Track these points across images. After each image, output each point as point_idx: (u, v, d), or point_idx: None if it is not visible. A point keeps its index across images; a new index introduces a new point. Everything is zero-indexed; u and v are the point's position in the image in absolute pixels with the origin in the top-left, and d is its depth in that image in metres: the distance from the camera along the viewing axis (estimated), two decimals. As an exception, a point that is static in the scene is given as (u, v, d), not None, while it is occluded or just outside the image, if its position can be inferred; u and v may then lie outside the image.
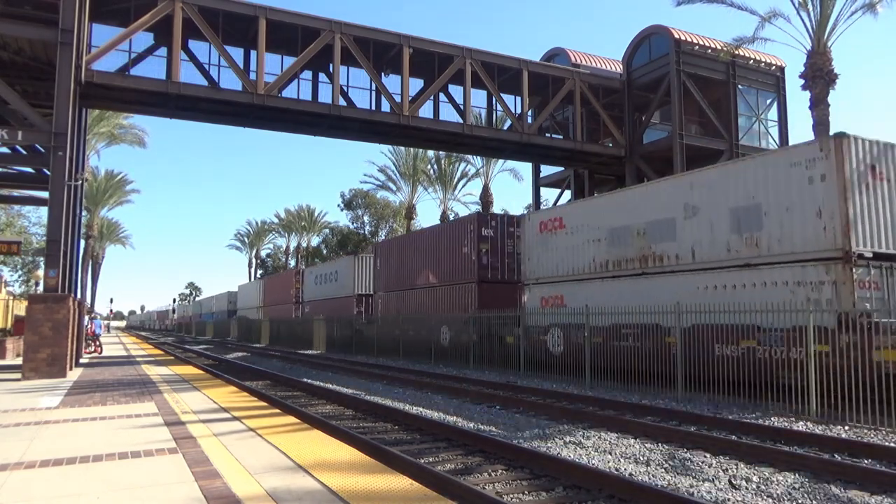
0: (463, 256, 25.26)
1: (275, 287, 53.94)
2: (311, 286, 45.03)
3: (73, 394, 11.78)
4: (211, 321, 73.79)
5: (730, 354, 12.78)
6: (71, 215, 17.77)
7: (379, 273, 32.67)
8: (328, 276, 41.38)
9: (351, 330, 31.74)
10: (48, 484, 5.25)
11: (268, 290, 55.66)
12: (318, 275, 43.56)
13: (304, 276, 47.22)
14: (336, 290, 39.31)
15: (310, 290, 45.05)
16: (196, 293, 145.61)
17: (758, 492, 6.63)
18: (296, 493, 4.85)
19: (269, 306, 53.54)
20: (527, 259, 20.57)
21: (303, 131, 25.91)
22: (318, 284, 42.92)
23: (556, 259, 19.14)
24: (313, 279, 44.61)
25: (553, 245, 19.34)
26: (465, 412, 11.85)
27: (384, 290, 32.14)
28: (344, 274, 38.46)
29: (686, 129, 26.21)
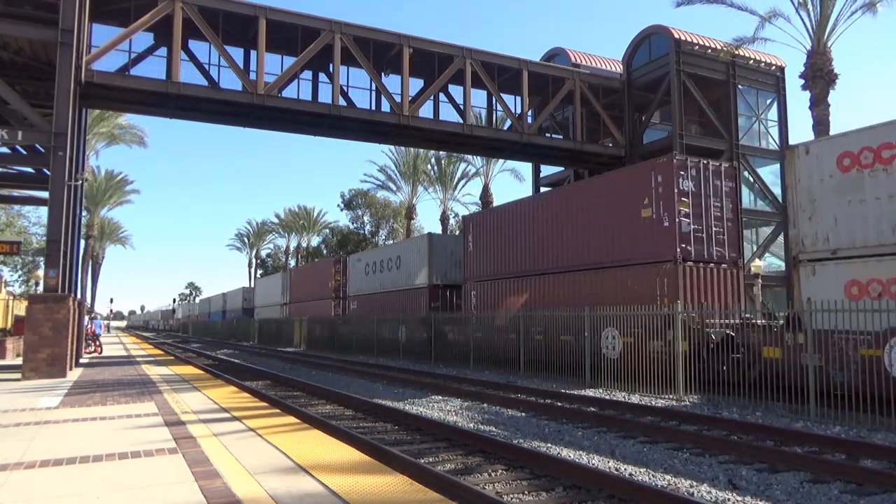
0: (641, 223, 16.99)
1: (305, 280, 45.67)
2: (358, 277, 36.64)
3: (73, 394, 11.78)
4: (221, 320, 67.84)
5: None
6: (71, 215, 17.76)
7: (470, 255, 24.42)
8: (384, 263, 33.16)
9: (428, 331, 24.66)
10: (48, 484, 5.25)
11: (295, 283, 47.70)
12: (371, 262, 35.18)
13: (347, 266, 38.77)
14: (398, 280, 31.34)
15: (357, 282, 36.74)
16: (196, 293, 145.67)
17: (758, 492, 6.64)
18: (296, 493, 4.85)
19: (298, 303, 45.76)
20: (806, 218, 12.76)
21: (303, 131, 25.91)
22: (371, 274, 34.68)
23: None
24: (362, 268, 36.20)
25: (880, 191, 11.71)
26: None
27: (480, 278, 23.68)
28: (410, 259, 30.05)
29: (686, 129, 26.21)
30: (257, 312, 56.01)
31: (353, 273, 37.51)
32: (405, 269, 30.46)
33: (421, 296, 28.64)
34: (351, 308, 36.88)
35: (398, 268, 31.15)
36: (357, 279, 36.78)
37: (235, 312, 64.34)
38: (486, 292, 23.20)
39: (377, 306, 32.31)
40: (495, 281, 22.78)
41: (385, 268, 32.88)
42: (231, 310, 67.56)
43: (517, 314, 19.77)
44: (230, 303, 69.44)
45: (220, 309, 74.23)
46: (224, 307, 72.10)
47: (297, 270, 49.74)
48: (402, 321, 27.18)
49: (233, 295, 69.81)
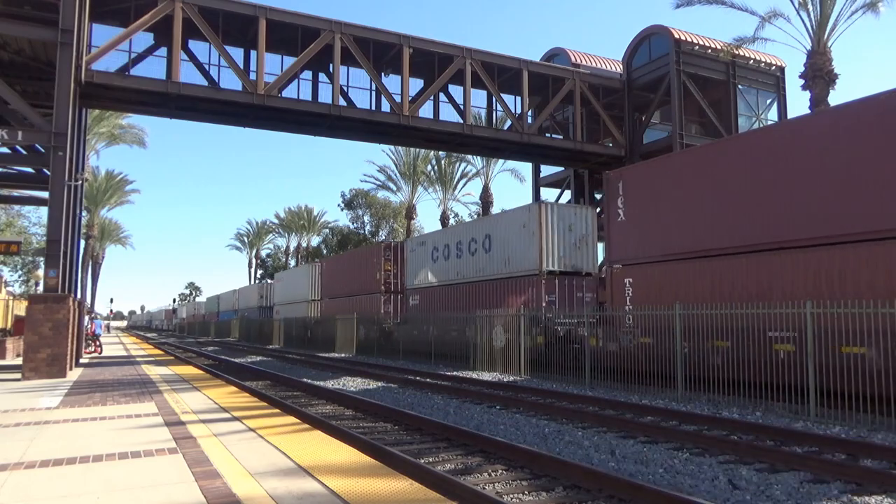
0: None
1: (342, 272, 37.51)
2: (420, 264, 28.78)
3: (73, 394, 11.78)
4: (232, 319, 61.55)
5: None
6: (71, 215, 17.77)
7: (620, 227, 16.96)
8: (463, 245, 24.95)
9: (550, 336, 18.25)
10: (48, 484, 5.25)
11: (328, 276, 39.71)
12: (442, 246, 26.58)
13: (403, 252, 30.87)
14: (487, 266, 23.32)
15: (419, 271, 28.88)
16: (196, 293, 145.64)
17: (758, 492, 6.64)
18: (296, 493, 4.85)
19: (334, 298, 37.75)
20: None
21: (303, 131, 25.93)
22: (442, 260, 26.65)
23: None
24: (427, 254, 28.13)
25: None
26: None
27: (638, 259, 16.29)
28: (508, 237, 22.12)
29: (686, 129, 26.22)
30: (278, 311, 49.02)
31: (413, 260, 29.47)
32: (499, 252, 22.70)
33: (528, 286, 20.96)
34: (411, 304, 28.95)
35: (488, 250, 23.48)
36: (418, 267, 28.87)
37: (250, 311, 58.34)
38: (654, 277, 15.67)
39: (452, 301, 24.94)
40: (669, 263, 15.28)
41: (465, 251, 24.89)
42: (245, 308, 61.47)
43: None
44: (244, 300, 63.14)
45: (230, 307, 68.62)
46: (235, 305, 66.37)
47: (332, 261, 41.76)
48: (528, 318, 18.77)
49: (247, 292, 63.93)
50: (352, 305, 33.72)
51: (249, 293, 62.00)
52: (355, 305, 33.27)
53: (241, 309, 62.62)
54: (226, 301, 72.29)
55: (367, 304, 32.22)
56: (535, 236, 20.91)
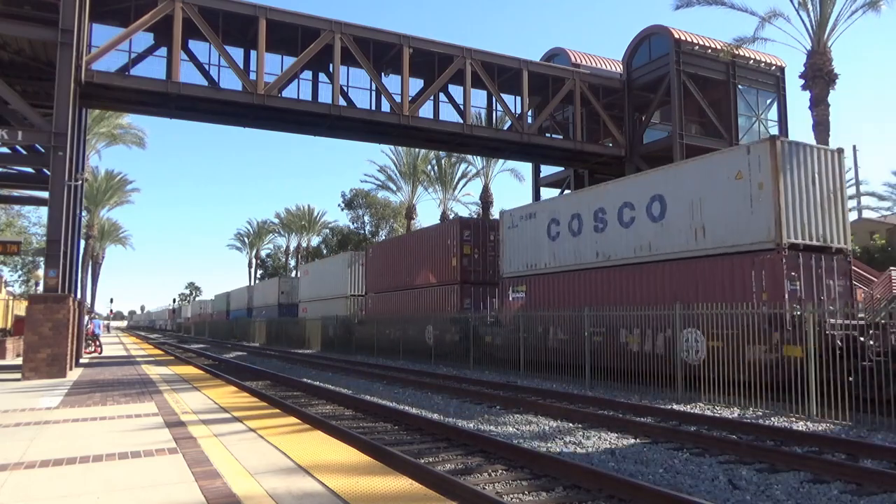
0: None
1: (396, 260, 30.19)
2: (525, 245, 20.99)
3: (73, 394, 11.78)
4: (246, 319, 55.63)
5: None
6: (71, 215, 17.77)
7: None
8: (615, 212, 17.61)
9: None
10: (48, 484, 5.25)
11: (377, 266, 32.58)
12: (569, 216, 19.28)
13: (498, 230, 22.94)
14: (659, 239, 16.24)
15: (523, 253, 21.08)
16: (196, 293, 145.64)
17: (758, 492, 6.64)
18: (296, 493, 4.85)
19: (382, 293, 31.24)
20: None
21: (303, 131, 25.92)
22: (568, 237, 19.21)
23: None
24: (539, 229, 20.41)
25: None
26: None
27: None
28: (702, 197, 15.22)
29: (686, 129, 26.22)
30: (305, 308, 42.93)
31: (513, 240, 21.63)
32: (683, 218, 15.49)
33: (743, 267, 13.91)
34: (514, 297, 21.14)
35: (657, 217, 16.17)
36: (523, 248, 21.05)
37: (268, 309, 52.37)
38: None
39: (588, 291, 17.88)
40: None
41: (612, 221, 17.58)
42: (262, 306, 55.36)
43: None
44: (261, 297, 57.16)
45: (242, 305, 62.67)
46: (249, 303, 60.37)
47: (382, 248, 34.16)
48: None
49: (264, 288, 57.75)
50: (410, 301, 27.96)
51: (267, 289, 55.73)
52: (417, 301, 27.30)
53: (258, 307, 56.76)
54: (237, 298, 66.26)
55: (437, 299, 25.89)
56: (764, 191, 13.75)
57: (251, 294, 61.53)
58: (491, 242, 25.07)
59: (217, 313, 73.77)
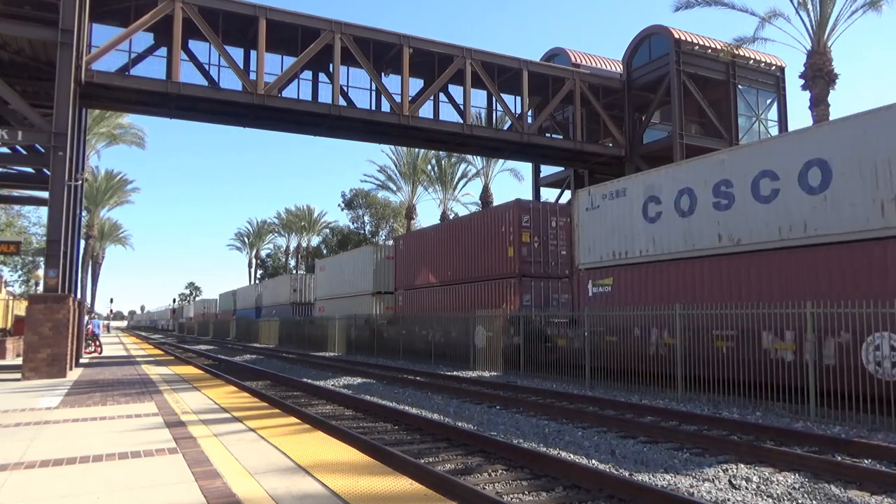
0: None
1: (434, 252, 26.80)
2: (615, 228, 17.18)
3: (73, 394, 11.78)
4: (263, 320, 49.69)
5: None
6: (71, 215, 17.77)
7: None
8: (744, 184, 13.81)
9: None
10: (48, 484, 5.25)
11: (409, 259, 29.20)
12: (675, 192, 15.55)
13: (573, 215, 18.94)
14: (818, 216, 12.34)
15: (612, 236, 17.22)
16: (196, 293, 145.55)
17: (758, 492, 6.64)
18: (296, 493, 4.85)
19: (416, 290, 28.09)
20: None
21: (303, 131, 25.93)
22: (674, 217, 15.49)
23: None
24: (636, 209, 16.62)
25: None
26: None
27: None
28: (865, 162, 11.60)
29: (686, 129, 26.23)
30: (322, 308, 39.76)
31: (593, 224, 17.78)
32: (852, 188, 11.93)
33: None
34: (595, 292, 17.31)
35: (815, 188, 12.55)
36: (607, 234, 17.29)
37: (279, 308, 49.04)
38: None
39: (701, 284, 14.41)
40: None
41: (741, 194, 13.96)
42: (272, 305, 51.94)
43: None
44: (270, 295, 53.35)
45: (251, 305, 58.57)
46: (258, 302, 56.90)
47: (414, 238, 30.36)
48: None
49: (275, 285, 53.58)
50: (450, 299, 24.94)
51: (278, 287, 51.89)
52: (459, 299, 24.20)
53: (267, 306, 53.30)
54: (245, 297, 62.50)
55: (487, 295, 22.37)
56: None
57: (260, 292, 57.93)
58: (552, 229, 21.93)
59: (222, 313, 70.78)
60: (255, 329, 49.99)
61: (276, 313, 48.99)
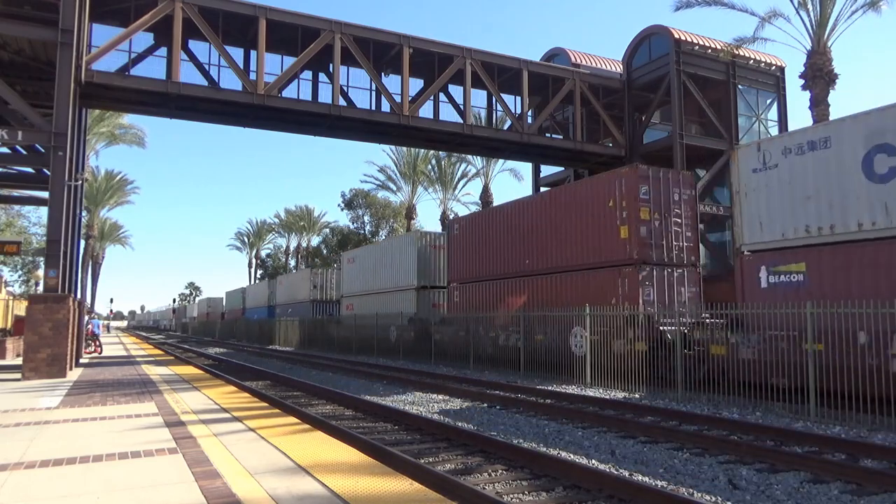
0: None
1: (506, 236, 22.60)
2: (801, 195, 12.98)
3: (73, 394, 11.78)
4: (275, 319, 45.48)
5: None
6: (71, 215, 17.77)
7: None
8: None
9: None
10: (48, 484, 5.25)
11: (466, 247, 25.02)
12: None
13: (734, 179, 14.96)
14: None
15: (789, 208, 13.20)
16: (196, 293, 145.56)
17: (758, 492, 6.64)
18: (296, 493, 4.85)
19: (476, 282, 24.17)
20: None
21: (303, 131, 25.91)
22: None
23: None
24: (827, 163, 12.48)
25: None
26: None
27: None
28: None
29: (686, 129, 26.22)
30: (350, 305, 34.95)
31: (769, 188, 13.84)
32: None
33: None
34: (772, 282, 13.30)
35: None
36: (793, 201, 13.24)
37: (297, 307, 44.21)
38: None
39: None
40: None
41: None
42: (287, 303, 47.09)
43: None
44: (285, 293, 48.31)
45: (263, 303, 54.04)
46: (271, 300, 52.46)
47: (476, 220, 25.52)
48: None
49: (291, 282, 48.40)
50: (525, 292, 20.68)
51: (296, 283, 46.44)
52: (540, 292, 19.92)
53: (282, 304, 48.68)
54: (256, 295, 57.53)
55: (586, 288, 18.12)
56: None
57: (273, 289, 52.56)
58: (675, 202, 17.60)
59: (230, 312, 66.46)
60: (269, 330, 45.20)
61: (292, 312, 44.30)
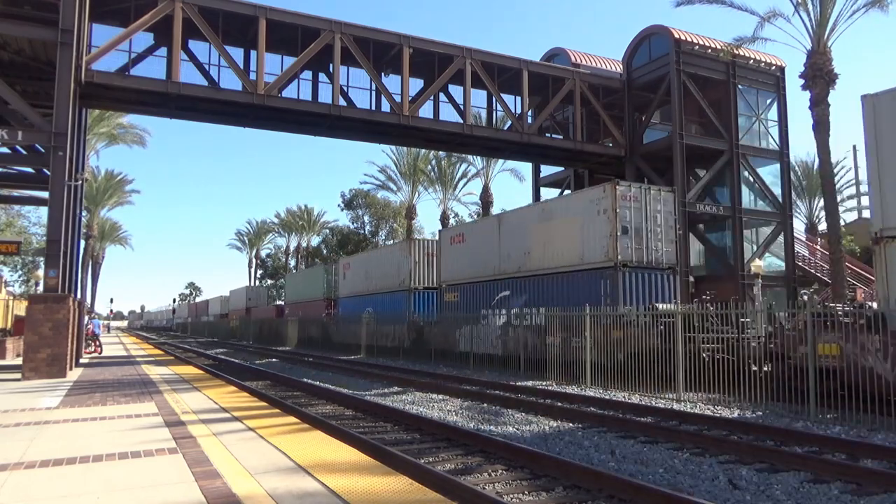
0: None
1: None
2: None
3: (73, 394, 11.78)
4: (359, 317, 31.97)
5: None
6: (71, 215, 17.76)
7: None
8: None
9: None
10: (48, 484, 5.25)
11: None
12: None
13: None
14: None
15: None
16: (196, 293, 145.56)
17: (758, 492, 6.64)
18: (296, 493, 4.85)
19: None
20: None
21: (303, 131, 25.92)
22: None
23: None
24: None
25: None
26: None
27: None
28: None
29: (686, 129, 26.22)
30: (453, 295, 25.75)
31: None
32: None
33: None
34: None
35: None
36: None
37: (374, 300, 32.91)
38: None
39: None
40: None
41: None
42: (360, 293, 35.64)
43: None
44: (357, 280, 36.66)
45: (319, 295, 42.81)
46: (332, 291, 41.42)
47: None
48: None
49: (368, 263, 35.58)
50: None
51: (379, 265, 33.74)
52: None
53: (351, 296, 37.36)
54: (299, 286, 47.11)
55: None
56: None
57: (331, 278, 41.45)
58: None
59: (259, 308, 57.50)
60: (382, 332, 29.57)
61: (373, 308, 32.23)
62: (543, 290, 20.49)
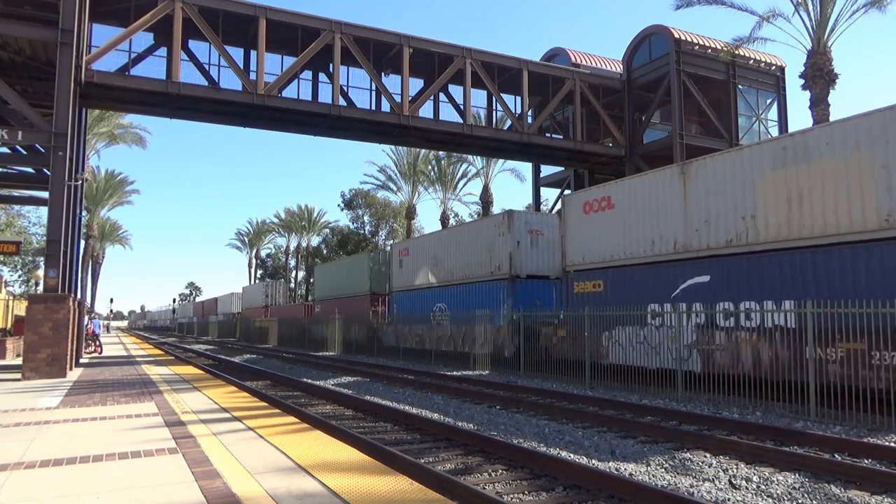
0: None
1: None
2: None
3: (73, 394, 11.78)
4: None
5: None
6: (71, 215, 17.76)
7: None
8: None
9: None
10: (48, 484, 5.25)
11: None
12: None
13: None
14: None
15: None
16: (196, 293, 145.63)
17: (758, 492, 6.63)
18: (296, 493, 4.85)
19: None
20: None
21: (303, 131, 25.91)
22: None
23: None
24: None
25: None
26: None
27: None
28: None
29: (686, 128, 26.22)
30: (590, 286, 18.36)
31: None
32: None
33: None
34: None
35: None
36: None
37: (460, 291, 25.07)
38: None
39: None
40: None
41: None
42: (430, 284, 27.51)
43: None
44: (417, 268, 29.09)
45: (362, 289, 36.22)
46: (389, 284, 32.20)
47: None
48: None
49: (443, 245, 27.14)
50: None
51: (461, 245, 25.58)
52: None
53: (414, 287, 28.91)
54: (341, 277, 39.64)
55: None
56: None
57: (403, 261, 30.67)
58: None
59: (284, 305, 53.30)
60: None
61: (445, 305, 25.88)
62: (784, 272, 13.00)
